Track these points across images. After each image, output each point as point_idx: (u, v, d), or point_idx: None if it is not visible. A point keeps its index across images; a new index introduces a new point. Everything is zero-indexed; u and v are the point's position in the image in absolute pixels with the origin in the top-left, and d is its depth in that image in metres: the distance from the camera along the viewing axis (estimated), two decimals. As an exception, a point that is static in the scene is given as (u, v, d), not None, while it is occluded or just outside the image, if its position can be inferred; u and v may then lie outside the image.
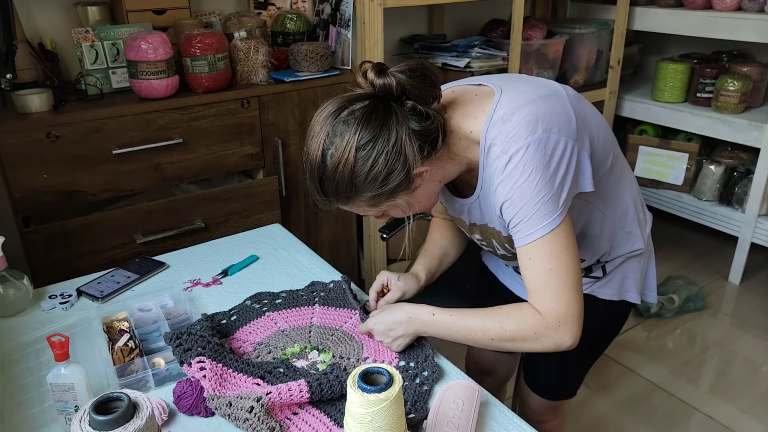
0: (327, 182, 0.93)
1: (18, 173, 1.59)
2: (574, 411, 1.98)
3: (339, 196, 0.94)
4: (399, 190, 0.93)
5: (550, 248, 0.93)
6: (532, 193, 0.91)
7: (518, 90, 0.98)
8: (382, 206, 0.97)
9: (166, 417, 0.95)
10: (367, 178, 0.91)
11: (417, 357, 1.08)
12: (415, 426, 0.91)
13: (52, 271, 1.62)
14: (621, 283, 1.18)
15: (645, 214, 1.19)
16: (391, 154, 0.90)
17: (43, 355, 1.11)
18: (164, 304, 1.22)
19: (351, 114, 0.91)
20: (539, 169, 0.90)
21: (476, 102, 0.99)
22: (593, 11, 2.90)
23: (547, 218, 0.92)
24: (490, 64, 2.35)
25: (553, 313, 0.94)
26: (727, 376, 2.13)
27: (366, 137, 0.89)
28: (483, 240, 1.14)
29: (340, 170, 0.90)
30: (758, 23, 2.36)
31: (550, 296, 0.94)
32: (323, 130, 0.92)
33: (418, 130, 0.91)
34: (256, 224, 1.85)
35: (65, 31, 1.90)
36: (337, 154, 0.90)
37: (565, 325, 0.94)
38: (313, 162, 0.93)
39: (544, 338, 0.95)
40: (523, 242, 0.95)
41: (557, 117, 0.94)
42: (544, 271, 0.94)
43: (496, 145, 0.94)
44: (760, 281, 2.69)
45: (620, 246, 1.14)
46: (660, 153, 2.84)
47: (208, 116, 1.82)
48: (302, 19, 2.10)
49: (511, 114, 0.94)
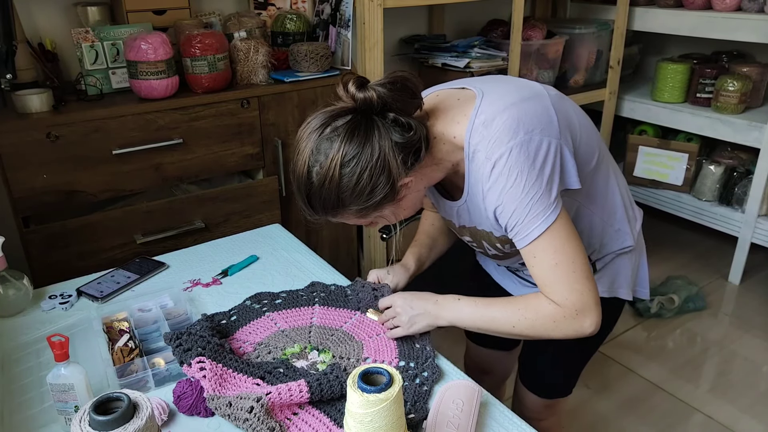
0: (314, 198, 0.95)
1: (18, 173, 1.59)
2: (574, 411, 1.98)
3: (327, 211, 0.97)
4: (385, 202, 0.96)
5: (551, 244, 0.94)
6: (522, 195, 0.93)
7: (499, 93, 1.00)
8: (370, 217, 1.00)
9: (166, 417, 0.95)
10: (353, 193, 0.93)
11: (417, 357, 1.08)
12: (415, 426, 0.91)
13: (52, 271, 1.62)
14: (612, 280, 1.19)
15: (634, 210, 1.20)
16: (375, 169, 0.92)
17: (43, 355, 1.11)
18: (164, 304, 1.22)
19: (334, 131, 0.93)
20: (524, 171, 0.92)
21: (458, 107, 1.01)
22: (593, 11, 2.90)
23: (541, 216, 0.93)
24: (490, 64, 2.35)
25: (569, 303, 0.95)
26: (727, 376, 2.13)
27: (350, 153, 0.91)
28: (473, 241, 1.15)
29: (326, 186, 0.92)
30: (758, 23, 2.36)
31: (562, 289, 0.95)
32: (308, 147, 0.94)
33: (401, 142, 0.93)
34: (256, 224, 1.85)
35: (65, 31, 1.90)
36: (323, 171, 0.92)
37: (583, 313, 0.95)
38: (300, 178, 0.95)
39: (562, 326, 0.96)
40: (523, 243, 0.96)
41: (538, 118, 0.95)
42: (550, 266, 0.95)
43: (480, 151, 0.96)
44: (760, 281, 2.69)
45: (610, 243, 1.15)
46: (660, 153, 2.85)
47: (208, 116, 1.82)
48: (302, 20, 2.10)
49: (492, 119, 0.95)
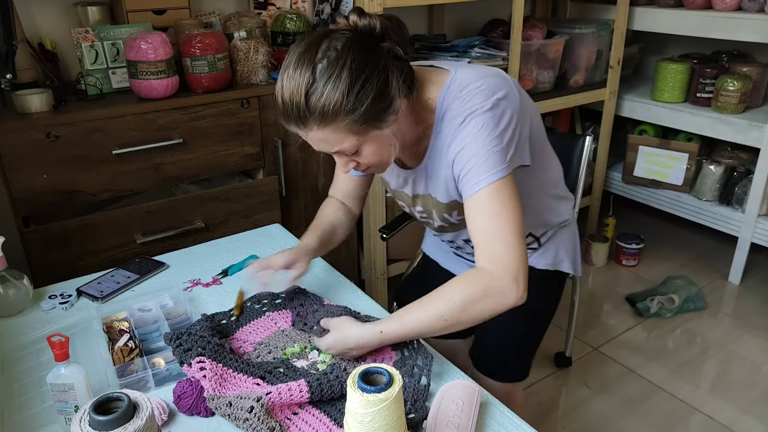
0: (314, 97, 0.91)
1: (18, 173, 1.59)
2: (574, 411, 1.98)
3: (323, 115, 0.92)
4: (385, 116, 0.96)
5: (497, 196, 0.98)
6: (483, 142, 0.98)
7: (472, 68, 1.07)
8: (363, 137, 0.97)
9: (166, 417, 0.95)
10: (359, 93, 0.91)
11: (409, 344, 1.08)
12: (415, 426, 0.91)
13: (52, 271, 1.62)
14: (555, 254, 1.32)
15: (568, 194, 1.36)
16: (381, 75, 0.93)
17: (43, 355, 1.11)
18: (164, 304, 1.22)
19: (343, 35, 0.94)
20: (489, 126, 0.98)
21: (434, 74, 1.07)
22: (593, 11, 2.90)
23: (495, 167, 0.98)
24: (490, 64, 2.35)
25: (499, 259, 0.95)
26: (727, 376, 2.13)
27: (359, 56, 0.91)
28: (424, 212, 1.20)
29: (332, 82, 0.90)
30: (758, 23, 2.36)
31: (496, 241, 0.97)
32: (311, 50, 0.92)
33: (399, 66, 0.96)
34: (256, 224, 1.85)
35: (65, 31, 1.90)
36: (330, 67, 0.90)
37: (510, 272, 0.95)
38: (298, 79, 0.92)
39: (492, 292, 0.95)
40: (472, 191, 0.99)
41: (505, 92, 1.02)
42: (491, 216, 0.98)
43: (452, 109, 1.02)
44: (760, 281, 2.69)
45: (551, 218, 1.29)
46: (660, 153, 2.84)
47: (208, 116, 1.82)
48: (302, 19, 2.10)
49: (466, 84, 1.02)
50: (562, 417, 1.97)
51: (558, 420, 1.96)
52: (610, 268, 2.84)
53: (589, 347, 2.29)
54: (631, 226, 3.09)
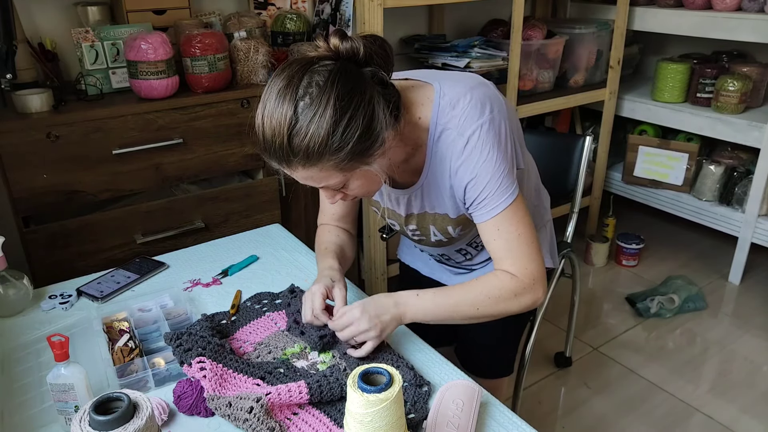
0: (297, 138, 0.86)
1: (18, 173, 1.59)
2: (574, 411, 1.98)
3: (308, 156, 0.87)
4: (372, 151, 0.90)
5: (516, 216, 1.02)
6: (495, 168, 0.99)
7: (453, 80, 1.04)
8: (350, 173, 0.93)
9: (166, 417, 0.95)
10: (344, 133, 0.86)
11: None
12: (415, 426, 0.91)
13: (52, 271, 1.62)
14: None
15: (545, 190, 1.37)
16: (367, 110, 0.87)
17: (43, 355, 1.11)
18: (164, 304, 1.22)
19: (324, 67, 0.87)
20: (495, 147, 0.99)
21: (418, 91, 1.04)
22: (593, 11, 2.90)
23: (509, 190, 1.00)
24: (490, 64, 2.35)
25: (528, 272, 1.03)
26: (727, 376, 2.13)
27: (342, 91, 0.85)
28: (417, 230, 1.18)
29: (315, 122, 0.84)
30: (758, 23, 2.36)
31: (523, 258, 1.03)
32: (292, 85, 0.86)
33: (384, 94, 0.92)
34: (256, 224, 1.85)
35: (65, 31, 1.90)
36: (313, 105, 0.85)
37: (539, 282, 1.04)
38: (279, 118, 0.86)
39: (522, 298, 1.03)
40: (489, 215, 1.01)
41: (495, 100, 1.02)
42: (514, 236, 1.02)
43: (450, 129, 1.00)
44: (760, 281, 2.69)
45: (536, 217, 1.26)
46: (660, 153, 2.84)
47: (208, 116, 1.82)
48: (302, 20, 2.10)
49: (457, 100, 1.00)
50: (562, 417, 1.97)
51: (558, 420, 1.96)
52: (610, 268, 2.84)
53: (589, 347, 2.29)
54: (631, 226, 3.09)
